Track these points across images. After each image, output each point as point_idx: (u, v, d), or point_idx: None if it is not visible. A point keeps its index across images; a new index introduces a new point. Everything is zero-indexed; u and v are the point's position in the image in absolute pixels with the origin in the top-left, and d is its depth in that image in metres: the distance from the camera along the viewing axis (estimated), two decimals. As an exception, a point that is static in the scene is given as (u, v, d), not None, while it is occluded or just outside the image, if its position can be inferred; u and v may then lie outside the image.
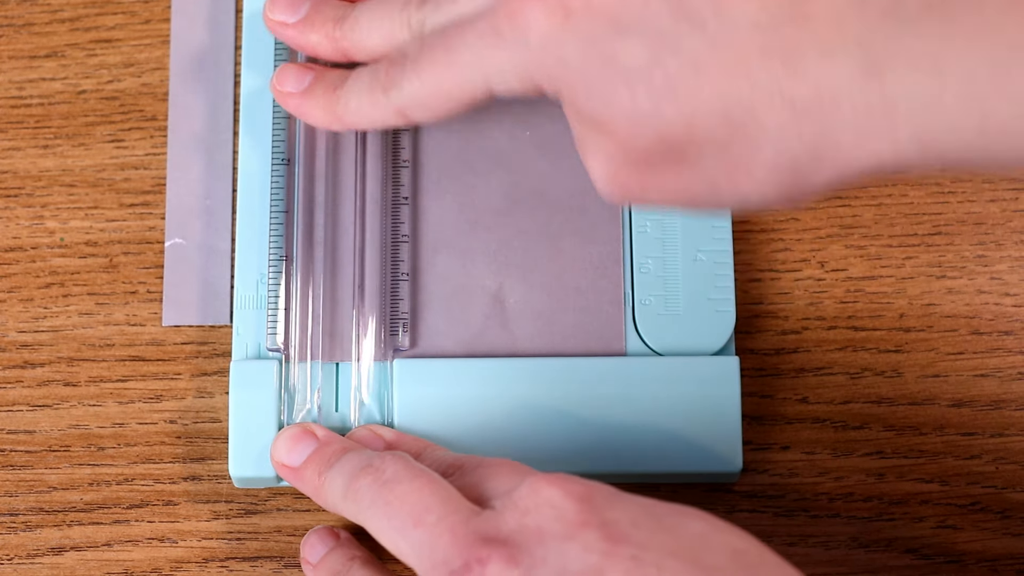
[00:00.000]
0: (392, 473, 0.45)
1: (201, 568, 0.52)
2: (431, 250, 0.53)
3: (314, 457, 0.48)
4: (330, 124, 0.51)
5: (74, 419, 0.53)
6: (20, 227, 0.55)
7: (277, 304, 0.52)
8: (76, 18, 0.57)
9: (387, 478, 0.45)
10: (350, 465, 0.46)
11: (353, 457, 0.47)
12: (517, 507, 0.43)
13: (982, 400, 0.54)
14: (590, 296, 0.52)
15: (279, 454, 0.49)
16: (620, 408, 0.51)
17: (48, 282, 0.54)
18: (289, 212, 0.52)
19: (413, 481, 0.44)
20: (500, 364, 0.51)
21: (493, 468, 0.45)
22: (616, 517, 0.42)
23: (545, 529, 0.42)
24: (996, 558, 0.52)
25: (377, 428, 0.50)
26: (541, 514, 0.42)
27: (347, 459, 0.47)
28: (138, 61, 0.57)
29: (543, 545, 0.41)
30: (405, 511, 0.44)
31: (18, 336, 0.54)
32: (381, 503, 0.44)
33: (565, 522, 0.42)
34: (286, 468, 0.49)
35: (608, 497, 0.43)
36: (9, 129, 0.56)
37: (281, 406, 0.51)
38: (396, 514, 0.44)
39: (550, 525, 0.42)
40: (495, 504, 0.43)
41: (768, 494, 0.53)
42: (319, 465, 0.48)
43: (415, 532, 0.43)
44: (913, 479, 0.53)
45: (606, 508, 0.42)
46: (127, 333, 0.54)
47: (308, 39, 0.51)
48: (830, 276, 0.55)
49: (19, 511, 0.52)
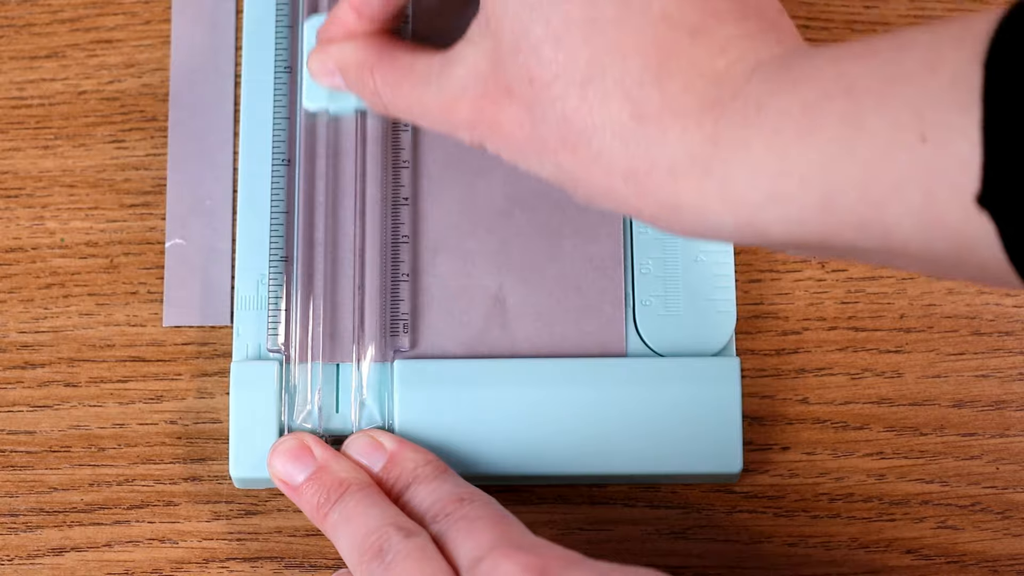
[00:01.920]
0: (394, 555, 0.46)
1: (201, 568, 0.52)
2: (431, 251, 0.53)
3: (313, 483, 0.49)
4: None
5: (74, 420, 0.53)
6: (21, 228, 0.55)
7: (278, 305, 0.52)
8: (76, 19, 0.57)
9: (391, 563, 0.46)
10: (362, 531, 0.47)
11: (360, 513, 0.48)
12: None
13: (983, 401, 0.54)
14: (590, 296, 0.52)
15: (276, 469, 0.50)
16: (620, 409, 0.51)
17: (48, 283, 0.54)
18: (289, 212, 0.52)
19: (406, 561, 0.46)
20: (500, 365, 0.51)
21: (471, 527, 0.46)
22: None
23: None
24: (996, 558, 0.52)
25: (377, 434, 0.50)
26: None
27: (354, 511, 0.48)
28: (138, 62, 0.57)
29: None
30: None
31: (19, 337, 0.54)
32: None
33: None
34: (283, 483, 0.50)
35: (564, 567, 0.44)
36: (9, 129, 0.56)
37: (282, 407, 0.51)
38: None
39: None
40: (465, 571, 0.45)
41: (768, 495, 0.53)
42: (320, 495, 0.49)
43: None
44: (913, 479, 0.53)
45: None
46: (127, 334, 0.54)
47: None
48: (830, 276, 0.55)
49: (19, 512, 0.52)
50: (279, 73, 0.54)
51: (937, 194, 0.37)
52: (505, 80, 0.44)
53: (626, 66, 0.42)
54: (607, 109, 0.42)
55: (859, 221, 0.39)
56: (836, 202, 0.39)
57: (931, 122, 0.37)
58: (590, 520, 0.52)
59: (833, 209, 0.39)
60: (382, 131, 0.53)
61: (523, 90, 0.44)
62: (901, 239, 0.38)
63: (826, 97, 0.39)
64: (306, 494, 0.49)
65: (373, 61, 0.49)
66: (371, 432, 0.50)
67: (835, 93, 0.39)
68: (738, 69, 0.42)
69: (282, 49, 0.54)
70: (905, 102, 0.37)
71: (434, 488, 0.48)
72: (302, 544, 0.52)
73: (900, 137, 0.37)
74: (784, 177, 0.39)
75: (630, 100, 0.42)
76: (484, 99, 0.45)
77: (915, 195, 0.37)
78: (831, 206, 0.39)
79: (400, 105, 0.48)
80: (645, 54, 0.42)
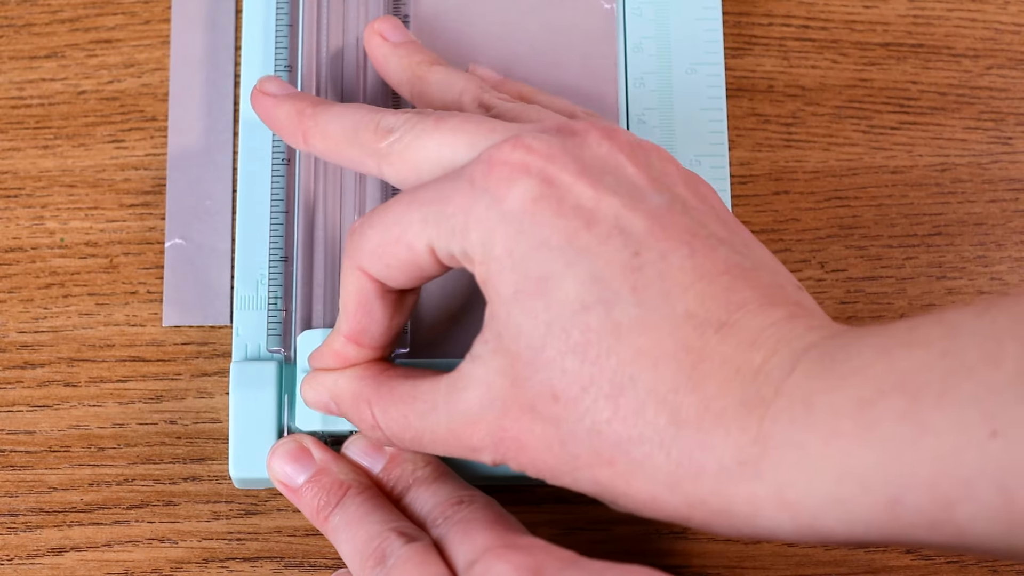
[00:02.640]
0: (395, 560, 0.46)
1: (201, 568, 0.52)
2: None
3: (313, 486, 0.49)
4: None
5: (74, 419, 0.53)
6: (20, 227, 0.55)
7: (278, 305, 0.52)
8: (76, 18, 0.57)
9: (390, 565, 0.45)
10: (362, 537, 0.47)
11: (361, 517, 0.48)
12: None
13: (982, 400, 0.54)
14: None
15: (275, 471, 0.50)
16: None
17: (48, 282, 0.54)
18: (289, 212, 0.52)
19: (406, 565, 0.45)
20: (500, 365, 0.51)
21: (467, 529, 0.46)
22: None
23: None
24: (996, 558, 0.52)
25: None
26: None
27: (355, 515, 0.48)
28: (138, 61, 0.57)
29: None
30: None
31: (18, 336, 0.54)
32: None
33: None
34: (283, 485, 0.50)
35: (560, 568, 0.43)
36: (9, 129, 0.56)
37: (281, 407, 0.51)
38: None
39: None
40: (461, 573, 0.44)
41: (768, 494, 0.53)
42: (320, 497, 0.49)
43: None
44: (913, 479, 0.53)
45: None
46: (127, 333, 0.54)
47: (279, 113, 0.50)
48: (830, 276, 0.55)
49: (19, 511, 0.52)
50: (279, 73, 0.54)
51: (1015, 490, 0.36)
52: (526, 398, 0.43)
53: (658, 373, 0.41)
54: (643, 418, 0.41)
55: (929, 521, 0.37)
56: (903, 503, 0.37)
57: (1000, 417, 0.36)
58: (590, 520, 0.52)
59: (900, 510, 0.38)
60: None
61: (547, 407, 0.42)
62: (975, 536, 0.37)
63: (881, 394, 0.38)
64: (306, 496, 0.49)
65: (369, 394, 0.47)
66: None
67: (890, 389, 0.38)
68: (774, 363, 0.40)
69: (282, 49, 0.54)
70: (969, 398, 0.36)
71: (434, 491, 0.48)
72: (302, 544, 0.52)
73: (968, 434, 0.36)
74: (846, 479, 0.38)
75: (666, 406, 0.40)
76: (504, 419, 0.43)
77: (989, 492, 0.36)
78: (898, 508, 0.38)
79: (405, 438, 0.46)
80: (676, 358, 0.41)
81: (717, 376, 0.40)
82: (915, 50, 0.58)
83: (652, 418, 0.41)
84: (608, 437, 0.41)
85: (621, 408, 0.41)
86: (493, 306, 0.43)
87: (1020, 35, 0.58)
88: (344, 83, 0.53)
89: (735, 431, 0.40)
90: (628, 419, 0.41)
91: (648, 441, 0.41)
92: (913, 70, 0.57)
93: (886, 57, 0.57)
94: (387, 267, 0.45)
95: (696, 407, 0.40)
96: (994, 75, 0.57)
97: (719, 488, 0.40)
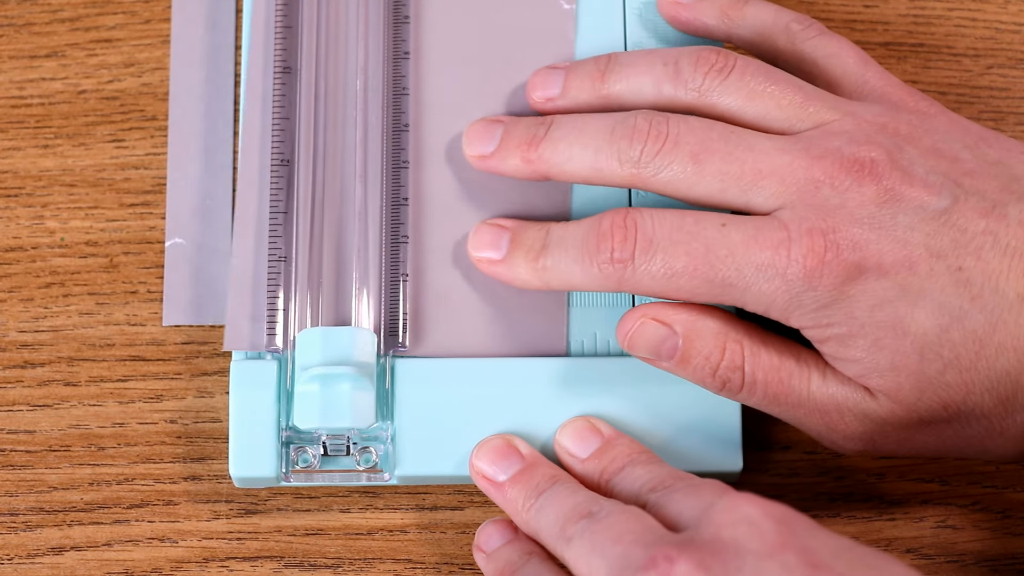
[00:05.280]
0: (606, 514, 0.45)
1: (201, 568, 0.52)
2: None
3: (522, 480, 0.49)
4: (531, 284, 0.50)
5: (74, 419, 0.53)
6: (20, 227, 0.55)
7: (277, 304, 0.52)
8: (76, 18, 0.57)
9: (600, 518, 0.45)
10: (569, 504, 0.46)
11: (568, 494, 0.47)
12: (712, 521, 0.43)
13: (982, 400, 0.54)
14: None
15: (482, 465, 0.49)
16: (622, 408, 0.51)
17: (48, 282, 0.54)
18: (288, 212, 0.52)
19: (622, 514, 0.45)
20: (501, 364, 0.51)
21: (695, 487, 0.45)
22: (816, 545, 0.42)
23: (741, 544, 0.42)
24: (996, 558, 0.52)
25: (596, 422, 0.50)
26: (737, 530, 0.42)
27: (561, 494, 0.47)
28: (138, 61, 0.57)
29: (738, 558, 0.41)
30: (608, 535, 0.44)
31: (18, 336, 0.54)
32: (588, 534, 0.45)
33: (763, 541, 0.42)
34: (486, 480, 0.49)
35: (808, 525, 0.42)
36: (9, 129, 0.56)
37: (281, 407, 0.51)
38: (599, 540, 0.44)
39: (747, 541, 0.42)
40: (692, 523, 0.44)
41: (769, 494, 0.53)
42: (526, 491, 0.48)
43: (613, 548, 0.43)
44: (913, 479, 0.53)
45: (806, 535, 0.42)
46: (127, 333, 0.54)
47: (507, 165, 0.51)
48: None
49: (19, 511, 0.52)
50: (278, 73, 0.54)
51: None
52: (917, 415, 0.47)
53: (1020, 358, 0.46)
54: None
55: None
56: None
57: None
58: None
59: None
60: (382, 129, 0.53)
61: (938, 415, 0.47)
62: None
63: None
64: (511, 492, 0.48)
65: (742, 335, 0.48)
66: (590, 419, 0.50)
67: None
68: None
69: (281, 49, 0.54)
70: None
71: (652, 468, 0.48)
72: (302, 543, 0.52)
73: None
74: None
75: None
76: (904, 430, 0.48)
77: None
78: None
79: (769, 390, 0.48)
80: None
81: None
82: (915, 50, 0.58)
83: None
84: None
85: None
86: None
87: (1020, 35, 0.58)
88: (344, 83, 0.53)
89: None
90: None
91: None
92: (913, 70, 0.57)
93: (886, 57, 0.57)
94: None
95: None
96: (994, 75, 0.57)
97: None
